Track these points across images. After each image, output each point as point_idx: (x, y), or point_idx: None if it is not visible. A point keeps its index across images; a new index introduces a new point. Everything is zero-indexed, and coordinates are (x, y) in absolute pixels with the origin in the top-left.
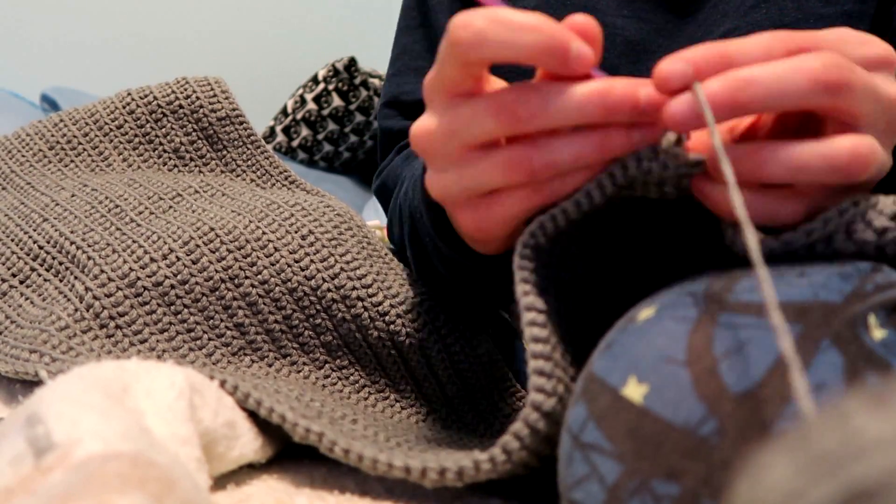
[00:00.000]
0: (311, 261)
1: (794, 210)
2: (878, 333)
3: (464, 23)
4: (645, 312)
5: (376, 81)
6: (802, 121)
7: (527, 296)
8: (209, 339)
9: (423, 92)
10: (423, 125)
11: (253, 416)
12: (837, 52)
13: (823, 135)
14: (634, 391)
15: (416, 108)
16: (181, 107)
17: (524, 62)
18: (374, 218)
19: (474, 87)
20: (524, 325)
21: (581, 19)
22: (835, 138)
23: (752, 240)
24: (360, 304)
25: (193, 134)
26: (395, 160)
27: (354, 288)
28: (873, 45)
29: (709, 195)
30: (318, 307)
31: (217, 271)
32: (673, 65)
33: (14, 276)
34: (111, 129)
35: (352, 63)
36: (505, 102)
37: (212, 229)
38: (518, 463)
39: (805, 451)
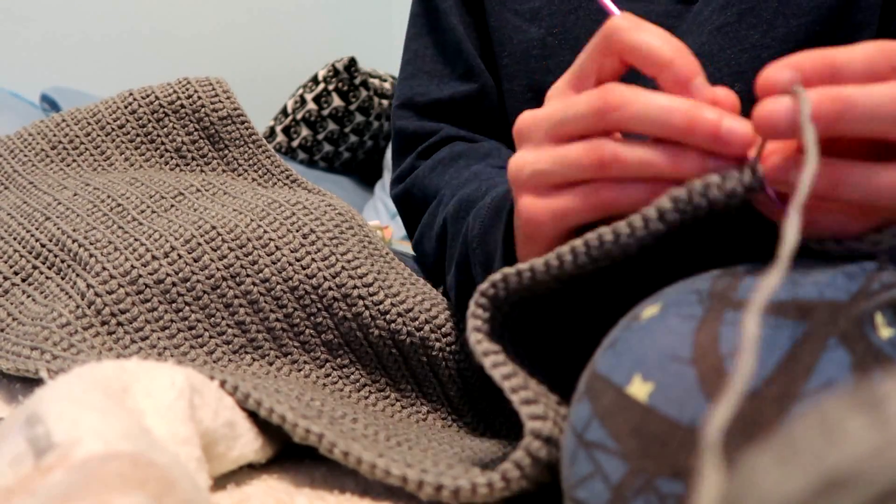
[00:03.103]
0: (313, 259)
1: (863, 226)
2: (885, 332)
3: (634, 28)
4: (649, 310)
5: (376, 81)
6: None
7: (479, 343)
8: (210, 337)
9: (551, 90)
10: (532, 112)
11: (253, 416)
12: None
13: None
14: (639, 389)
15: (430, 109)
16: (183, 106)
17: (644, 67)
18: (375, 218)
19: (595, 84)
20: (489, 370)
21: (722, 94)
22: None
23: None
24: (360, 302)
25: (195, 133)
26: (421, 168)
27: (355, 287)
28: None
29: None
30: (319, 306)
31: (219, 269)
32: (780, 73)
33: (16, 273)
34: (113, 129)
35: (352, 63)
36: (600, 90)
37: (213, 228)
38: (516, 490)
39: (785, 446)
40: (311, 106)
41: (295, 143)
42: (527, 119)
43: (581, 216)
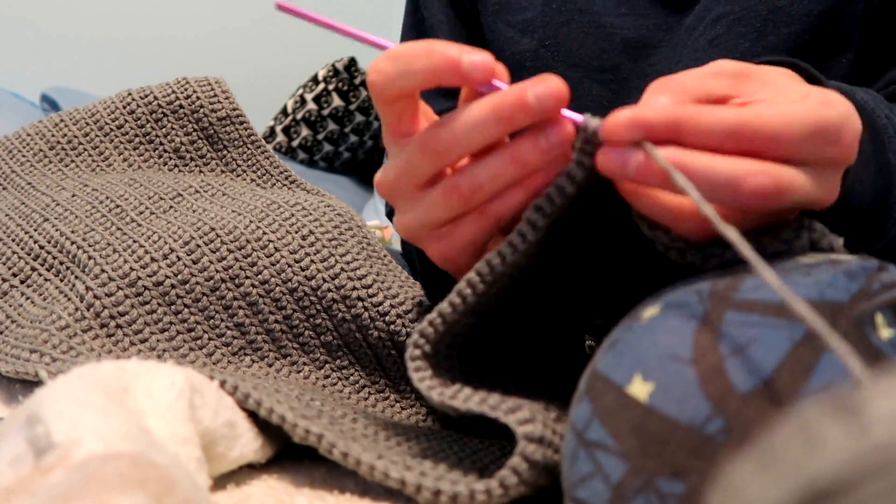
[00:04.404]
0: (312, 261)
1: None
2: (885, 333)
3: (373, 67)
4: (649, 311)
5: None
6: None
7: (433, 389)
8: (209, 339)
9: (384, 145)
10: (382, 174)
11: (253, 416)
12: (788, 144)
13: None
14: (640, 389)
15: None
16: (181, 107)
17: (427, 86)
18: (374, 218)
19: (411, 127)
20: (460, 406)
21: (476, 58)
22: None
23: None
24: (360, 304)
25: (194, 134)
26: None
27: (355, 288)
28: (830, 144)
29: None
30: (319, 307)
31: (217, 271)
32: (624, 127)
33: (15, 275)
34: (112, 129)
35: (352, 63)
36: (424, 141)
37: (212, 229)
38: (515, 496)
39: (766, 453)
40: (311, 106)
41: (295, 143)
42: (382, 184)
43: (484, 236)
